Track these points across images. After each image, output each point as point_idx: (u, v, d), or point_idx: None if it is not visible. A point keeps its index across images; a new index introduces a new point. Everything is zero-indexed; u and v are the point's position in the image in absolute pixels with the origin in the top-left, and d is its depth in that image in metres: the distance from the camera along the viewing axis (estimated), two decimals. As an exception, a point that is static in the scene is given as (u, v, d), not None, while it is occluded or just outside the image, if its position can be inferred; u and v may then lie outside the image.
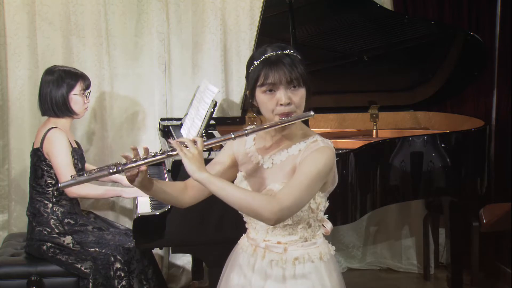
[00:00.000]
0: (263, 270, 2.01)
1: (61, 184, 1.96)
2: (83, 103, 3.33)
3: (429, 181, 3.42)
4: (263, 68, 1.91)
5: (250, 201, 1.84)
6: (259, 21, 3.59)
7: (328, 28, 3.76)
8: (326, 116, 4.12)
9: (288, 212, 1.86)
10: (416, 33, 3.79)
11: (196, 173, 1.86)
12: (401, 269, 4.44)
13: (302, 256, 2.00)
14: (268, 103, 1.93)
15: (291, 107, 1.92)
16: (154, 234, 2.83)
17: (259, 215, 1.85)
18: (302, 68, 1.93)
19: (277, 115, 1.93)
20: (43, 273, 3.19)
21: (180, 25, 4.08)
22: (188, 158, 1.86)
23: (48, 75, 3.32)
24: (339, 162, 3.05)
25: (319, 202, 1.98)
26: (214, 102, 3.16)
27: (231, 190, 1.86)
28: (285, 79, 1.90)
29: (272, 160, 2.00)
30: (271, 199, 1.85)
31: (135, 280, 3.20)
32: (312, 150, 1.92)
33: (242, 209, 1.89)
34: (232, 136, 1.93)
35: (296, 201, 1.85)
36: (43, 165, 3.26)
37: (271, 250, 2.00)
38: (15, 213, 3.95)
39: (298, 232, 2.00)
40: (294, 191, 1.85)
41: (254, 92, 1.96)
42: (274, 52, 1.93)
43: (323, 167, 1.89)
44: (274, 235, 2.00)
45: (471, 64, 3.88)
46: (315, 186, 1.89)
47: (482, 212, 3.72)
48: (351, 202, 3.10)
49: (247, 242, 2.08)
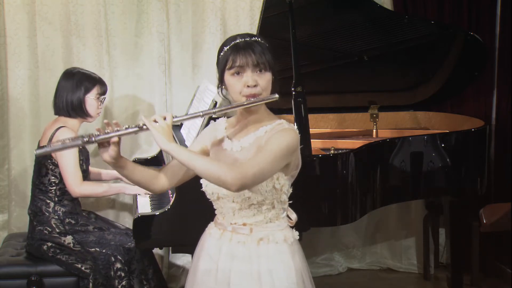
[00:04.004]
0: (230, 252, 2.10)
1: (37, 152, 2.01)
2: (97, 107, 3.35)
3: (429, 181, 3.42)
4: (232, 53, 2.03)
5: (215, 168, 1.94)
6: (259, 21, 3.59)
7: (328, 28, 3.76)
8: (326, 116, 4.12)
9: (251, 180, 1.94)
10: (416, 33, 3.79)
11: (165, 144, 1.97)
12: (401, 269, 4.44)
13: (266, 237, 2.09)
14: (235, 84, 2.04)
15: (257, 89, 2.03)
16: (154, 234, 2.84)
17: (223, 182, 1.93)
18: (269, 54, 2.04)
19: (244, 96, 2.04)
20: (43, 273, 3.19)
21: (180, 25, 4.08)
22: (157, 129, 1.98)
23: (68, 76, 3.35)
24: (339, 162, 3.06)
25: (283, 184, 2.06)
26: (214, 102, 3.16)
27: (198, 159, 1.97)
28: (252, 62, 2.01)
29: (241, 143, 2.11)
30: (235, 167, 1.96)
31: (136, 280, 3.20)
32: (277, 130, 2.04)
33: (208, 177, 1.97)
34: (200, 114, 2.06)
35: (259, 170, 1.94)
36: (48, 164, 3.26)
37: (238, 232, 2.10)
38: (15, 213, 3.95)
39: (262, 212, 2.08)
40: (258, 161, 1.95)
41: (223, 76, 2.07)
42: (243, 38, 2.05)
43: (286, 146, 1.99)
44: (240, 217, 2.09)
45: (471, 64, 3.88)
46: (278, 162, 1.98)
47: (482, 212, 3.72)
48: (351, 202, 3.10)
49: (214, 227, 2.17)
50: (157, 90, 4.07)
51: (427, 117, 4.14)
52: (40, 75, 3.93)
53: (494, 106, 4.32)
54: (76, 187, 3.22)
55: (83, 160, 3.33)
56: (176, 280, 4.14)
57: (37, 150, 2.03)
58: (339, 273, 4.42)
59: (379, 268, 4.48)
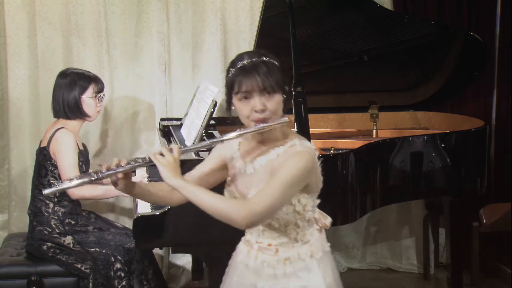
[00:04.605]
0: (255, 269, 2.05)
1: (45, 191, 1.99)
2: (95, 106, 3.34)
3: (429, 181, 3.42)
4: (238, 76, 1.93)
5: (221, 206, 1.88)
6: (259, 21, 3.59)
7: (328, 28, 3.76)
8: (326, 116, 4.11)
9: (260, 217, 1.88)
10: (416, 33, 3.79)
11: (170, 179, 1.91)
12: (401, 269, 4.44)
13: (292, 256, 2.02)
14: (243, 109, 1.95)
15: (266, 114, 1.93)
16: (154, 234, 2.83)
17: (230, 220, 1.86)
18: (278, 74, 1.94)
19: (253, 121, 1.95)
20: (43, 273, 3.19)
21: (180, 25, 4.08)
22: (162, 165, 1.91)
23: (62, 77, 3.34)
24: (339, 162, 3.06)
25: (305, 204, 1.99)
26: (214, 102, 3.16)
27: (204, 196, 1.90)
28: (258, 87, 1.91)
29: (254, 165, 2.03)
30: (242, 204, 1.88)
31: (136, 280, 3.20)
32: (288, 154, 1.94)
33: (215, 214, 1.89)
34: (208, 143, 1.99)
35: (268, 205, 1.86)
36: (48, 165, 3.26)
37: (264, 252, 2.04)
38: (15, 213, 3.95)
39: (287, 234, 2.02)
40: (267, 196, 1.86)
41: (230, 99, 1.98)
42: (250, 59, 1.94)
43: (298, 171, 1.89)
44: (265, 237, 2.04)
45: (471, 64, 3.88)
46: (291, 190, 1.90)
47: (482, 212, 3.72)
48: (351, 202, 3.10)
49: (243, 243, 2.13)
50: (157, 90, 4.07)
51: (427, 117, 4.13)
52: (40, 75, 3.93)
53: (494, 106, 4.31)
54: (74, 189, 3.21)
55: (82, 162, 3.32)
56: (176, 280, 4.14)
57: (45, 190, 2.00)
58: (339, 273, 4.40)
59: (379, 268, 4.48)
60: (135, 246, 3.10)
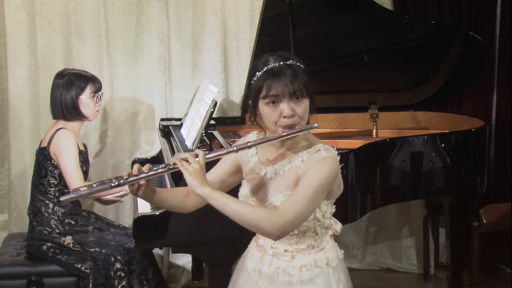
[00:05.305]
0: (269, 276, 2.01)
1: (63, 198, 1.95)
2: (94, 106, 3.32)
3: (429, 181, 3.42)
4: (266, 80, 1.87)
5: (252, 216, 1.83)
6: (259, 21, 3.59)
7: (328, 28, 3.77)
8: (326, 116, 4.12)
9: (291, 226, 1.84)
10: (416, 33, 3.79)
11: (198, 188, 1.85)
12: (401, 269, 4.44)
13: (309, 263, 2.00)
14: (271, 115, 1.90)
15: (294, 119, 1.89)
16: (154, 234, 2.83)
17: (261, 230, 1.84)
18: (305, 78, 1.89)
19: (280, 127, 1.90)
20: (43, 273, 3.18)
21: (180, 25, 4.08)
22: (189, 173, 1.86)
23: (58, 78, 3.32)
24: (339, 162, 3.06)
25: (325, 210, 1.97)
26: (214, 102, 3.16)
27: (233, 205, 1.85)
28: (288, 91, 1.86)
29: (275, 170, 1.98)
30: (273, 214, 1.83)
31: (136, 280, 3.20)
32: (314, 161, 1.90)
33: (244, 224, 1.85)
34: (234, 149, 1.93)
35: (299, 214, 1.82)
36: (48, 165, 3.26)
37: (279, 258, 2.01)
38: (15, 213, 3.95)
39: (305, 240, 1.99)
40: (297, 204, 1.82)
41: (257, 103, 1.92)
42: (277, 63, 1.89)
43: (325, 178, 1.86)
44: (281, 243, 2.00)
45: (471, 64, 3.88)
46: (318, 197, 1.87)
47: (482, 212, 3.72)
48: (351, 202, 3.10)
49: (255, 248, 2.08)
50: (157, 90, 4.07)
51: (427, 117, 4.14)
52: (40, 75, 3.93)
53: (494, 106, 4.31)
54: (70, 183, 3.21)
55: (82, 162, 3.31)
56: (176, 280, 4.14)
57: (63, 197, 1.94)
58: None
59: (379, 268, 4.48)
60: (135, 246, 3.10)
